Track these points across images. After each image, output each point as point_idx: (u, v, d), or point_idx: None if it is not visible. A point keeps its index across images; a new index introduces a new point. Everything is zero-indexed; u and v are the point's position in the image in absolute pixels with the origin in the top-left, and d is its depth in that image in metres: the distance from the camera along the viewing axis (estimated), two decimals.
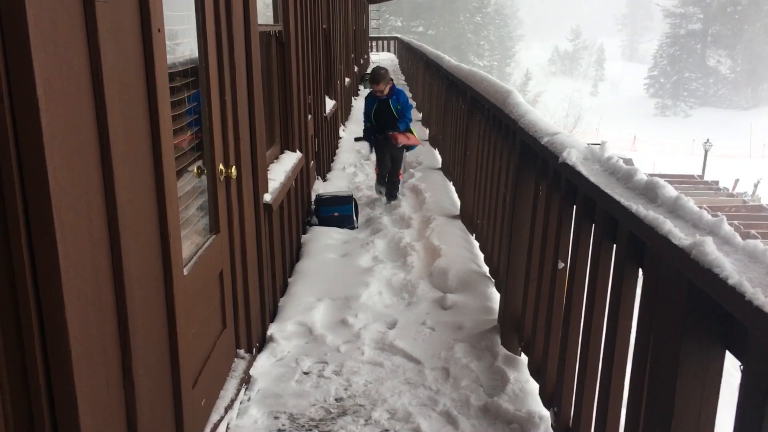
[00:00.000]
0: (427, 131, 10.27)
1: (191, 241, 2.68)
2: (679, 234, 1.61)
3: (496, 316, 3.94)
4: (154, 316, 2.03)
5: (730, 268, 1.38)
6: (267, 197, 3.76)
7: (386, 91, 6.30)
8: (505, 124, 4.02)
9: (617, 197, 2.03)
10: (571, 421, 2.60)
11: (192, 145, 2.69)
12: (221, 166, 2.95)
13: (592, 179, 2.28)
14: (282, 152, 4.86)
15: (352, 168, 8.18)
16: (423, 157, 8.54)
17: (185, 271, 2.40)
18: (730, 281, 1.35)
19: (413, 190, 6.94)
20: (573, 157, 2.56)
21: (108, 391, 1.67)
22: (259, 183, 3.58)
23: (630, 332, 2.12)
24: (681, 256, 1.55)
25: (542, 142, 3.00)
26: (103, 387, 1.63)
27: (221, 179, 2.96)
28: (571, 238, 2.70)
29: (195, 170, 2.73)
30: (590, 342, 2.40)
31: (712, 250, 1.44)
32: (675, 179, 28.05)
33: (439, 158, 8.49)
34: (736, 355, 1.49)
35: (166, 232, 2.06)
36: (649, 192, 1.98)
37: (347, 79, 11.63)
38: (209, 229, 2.92)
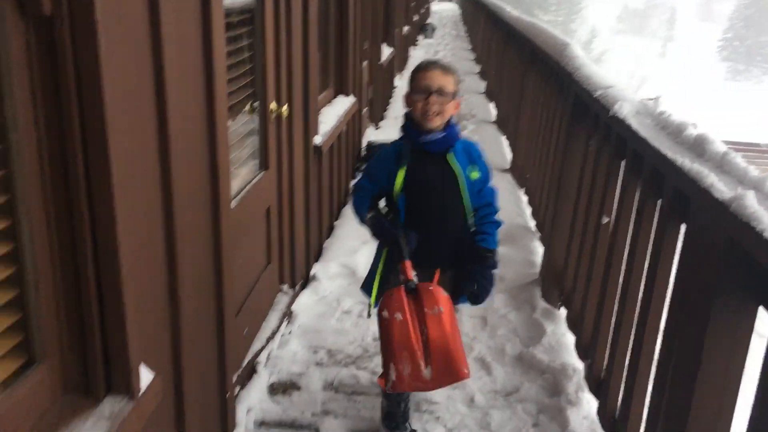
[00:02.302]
0: (484, 84, 10.12)
1: (240, 176, 2.76)
2: (721, 187, 1.58)
3: (538, 269, 3.94)
4: (201, 243, 2.11)
5: None
6: (317, 139, 3.81)
7: (438, 123, 2.25)
8: (560, 77, 3.94)
9: (664, 150, 2.00)
10: (603, 372, 2.62)
11: (245, 82, 2.74)
12: (273, 104, 3.00)
13: (642, 132, 2.25)
14: (335, 96, 4.89)
15: None
16: (477, 110, 8.46)
17: (233, 204, 2.48)
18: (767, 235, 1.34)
19: None
20: (624, 110, 2.52)
21: (155, 305, 1.77)
22: (310, 124, 3.63)
23: (667, 288, 2.12)
24: (721, 209, 1.53)
25: (595, 95, 2.95)
26: (149, 301, 1.73)
27: (272, 117, 3.01)
28: (617, 193, 2.68)
29: (248, 107, 2.78)
30: (627, 296, 2.40)
31: (752, 204, 1.42)
32: (740, 147, 27.00)
33: (494, 112, 8.38)
34: None
35: (215, 163, 2.13)
36: (697, 147, 1.95)
37: (406, 28, 11.48)
38: (258, 165, 2.99)
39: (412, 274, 2.14)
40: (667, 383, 1.96)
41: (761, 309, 1.52)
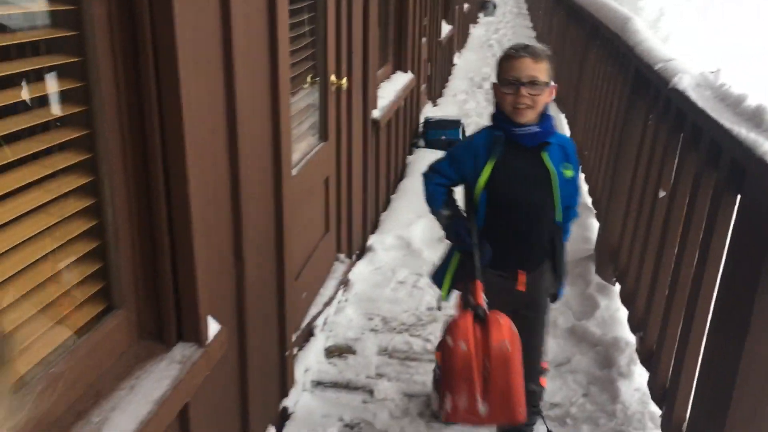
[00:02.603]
0: None
1: (302, 146, 2.86)
2: None
3: (593, 245, 3.94)
4: (264, 207, 2.22)
5: None
6: (375, 113, 3.88)
7: (530, 117, 2.08)
8: (621, 51, 3.90)
9: (722, 121, 1.99)
10: (654, 345, 2.63)
11: (306, 55, 2.83)
12: (333, 77, 3.08)
13: (700, 104, 2.24)
14: (393, 72, 4.95)
15: (463, 95, 8.14)
16: None
17: (294, 171, 2.58)
18: None
19: None
20: (684, 82, 2.50)
21: (221, 263, 1.89)
22: (369, 98, 3.70)
23: (720, 261, 2.11)
24: None
25: (655, 68, 2.92)
26: (216, 258, 1.85)
27: (333, 90, 3.10)
28: (675, 167, 2.67)
29: (308, 79, 2.88)
30: (681, 270, 2.40)
31: None
32: None
33: None
34: None
35: (278, 129, 2.23)
36: (756, 117, 1.94)
37: (466, 5, 11.40)
38: (318, 136, 3.09)
39: (483, 300, 2.01)
40: (716, 355, 1.97)
41: None
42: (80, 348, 1.46)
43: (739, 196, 1.99)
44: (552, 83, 2.10)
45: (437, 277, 2.30)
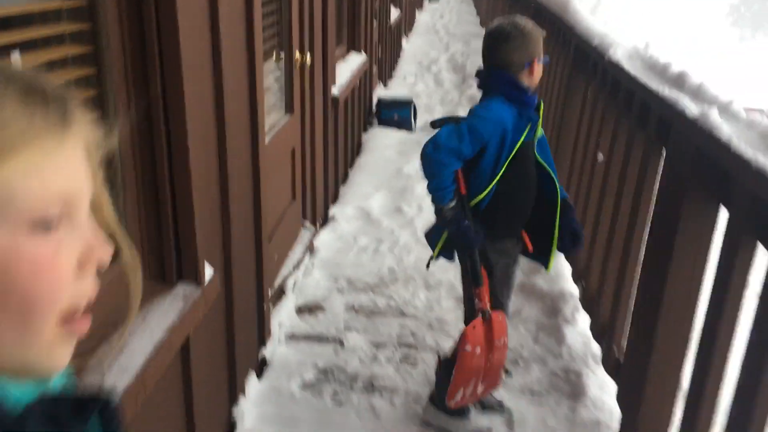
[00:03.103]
0: None
1: (271, 117, 3.05)
2: (693, 108, 1.88)
3: None
4: (245, 169, 2.42)
5: (727, 131, 1.66)
6: (334, 90, 4.09)
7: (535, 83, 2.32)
8: (562, 30, 4.20)
9: (650, 85, 2.28)
10: (595, 292, 2.94)
11: (272, 33, 3.01)
12: (297, 53, 3.28)
13: (632, 72, 2.53)
14: (348, 53, 5.15)
15: (412, 77, 8.40)
16: None
17: (267, 140, 2.78)
18: (727, 142, 1.64)
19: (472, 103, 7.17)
20: (618, 54, 2.80)
21: (212, 215, 2.09)
22: (328, 74, 3.91)
23: (650, 209, 2.41)
24: (691, 125, 1.83)
25: (593, 44, 3.22)
26: (208, 212, 2.04)
27: (297, 65, 3.30)
28: (612, 131, 2.97)
29: (277, 54, 3.07)
30: (617, 220, 2.71)
31: (715, 118, 1.72)
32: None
33: None
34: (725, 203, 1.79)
35: (254, 99, 2.42)
36: (679, 81, 2.23)
37: None
38: (285, 109, 3.28)
39: (487, 303, 2.25)
40: (645, 294, 2.27)
41: (722, 207, 1.82)
42: (102, 284, 1.64)
43: (664, 150, 2.29)
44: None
45: (431, 237, 2.39)
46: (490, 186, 2.19)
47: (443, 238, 2.31)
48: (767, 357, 1.50)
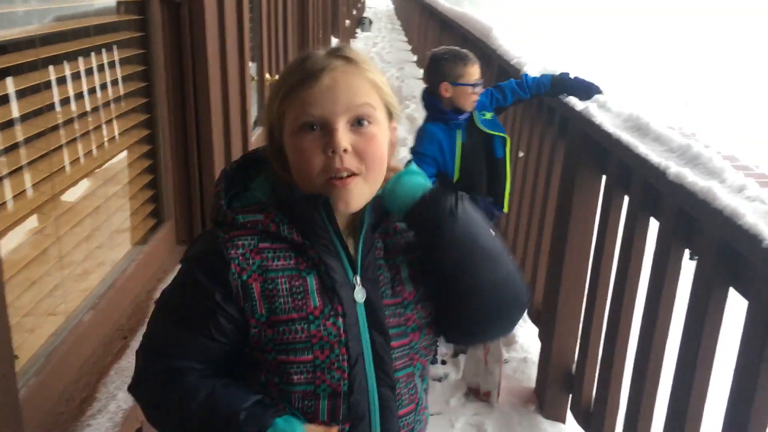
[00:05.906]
0: (422, 71, 11.09)
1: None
2: (580, 105, 2.59)
3: None
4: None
5: (600, 118, 2.37)
6: None
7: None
8: (486, 52, 4.95)
9: (563, 98, 2.98)
10: (521, 257, 3.63)
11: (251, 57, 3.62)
12: (267, 75, 3.89)
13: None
14: None
15: None
16: (417, 92, 9.40)
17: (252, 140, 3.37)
18: (600, 124, 2.34)
19: (411, 121, 7.88)
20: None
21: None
22: None
23: (557, 181, 3.10)
24: (579, 116, 2.54)
25: (512, 63, 3.96)
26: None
27: (267, 84, 3.91)
28: (529, 132, 3.69)
29: (253, 76, 3.68)
30: (536, 195, 3.40)
31: (594, 110, 2.43)
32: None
33: None
34: (604, 173, 2.49)
35: (245, 100, 3.02)
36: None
37: (347, 21, 12.42)
38: (258, 122, 3.89)
39: None
40: (550, 273, 2.93)
41: (603, 177, 2.53)
42: (145, 248, 2.19)
43: (565, 142, 2.99)
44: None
45: None
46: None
47: None
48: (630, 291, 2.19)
